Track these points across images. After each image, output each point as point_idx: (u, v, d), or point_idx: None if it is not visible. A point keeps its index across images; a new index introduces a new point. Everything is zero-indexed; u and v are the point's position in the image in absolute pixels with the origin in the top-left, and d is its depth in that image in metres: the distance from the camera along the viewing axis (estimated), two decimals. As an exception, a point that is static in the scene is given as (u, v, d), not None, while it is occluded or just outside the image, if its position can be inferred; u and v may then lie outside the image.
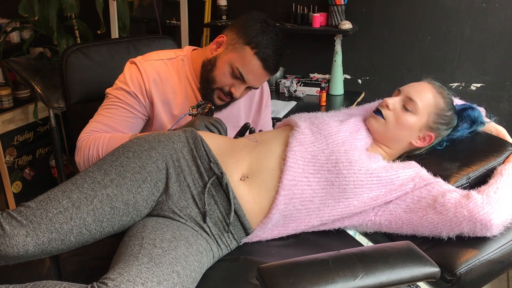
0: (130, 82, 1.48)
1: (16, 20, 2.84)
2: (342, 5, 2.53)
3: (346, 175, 1.25)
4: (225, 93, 1.47)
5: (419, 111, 1.35)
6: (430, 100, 1.36)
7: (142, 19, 3.08)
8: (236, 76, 1.44)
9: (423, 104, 1.35)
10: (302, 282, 0.90)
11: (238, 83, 1.45)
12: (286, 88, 2.67)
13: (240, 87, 1.46)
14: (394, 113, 1.36)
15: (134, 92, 1.48)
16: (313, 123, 1.36)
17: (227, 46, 1.45)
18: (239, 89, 1.46)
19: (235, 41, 1.43)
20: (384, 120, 1.37)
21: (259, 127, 1.74)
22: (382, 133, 1.38)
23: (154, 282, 0.99)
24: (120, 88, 1.49)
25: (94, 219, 1.12)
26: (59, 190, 1.14)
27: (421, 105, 1.34)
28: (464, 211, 1.16)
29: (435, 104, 1.36)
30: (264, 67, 1.42)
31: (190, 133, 1.31)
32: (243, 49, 1.41)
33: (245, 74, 1.43)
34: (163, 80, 1.51)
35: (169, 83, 1.51)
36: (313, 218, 1.28)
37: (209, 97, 1.49)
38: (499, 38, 2.42)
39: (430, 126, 1.37)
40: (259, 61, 1.41)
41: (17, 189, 2.87)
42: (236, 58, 1.42)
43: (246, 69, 1.42)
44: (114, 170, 1.17)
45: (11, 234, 1.06)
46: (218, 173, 1.24)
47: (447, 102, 1.38)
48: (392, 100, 1.38)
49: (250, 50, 1.40)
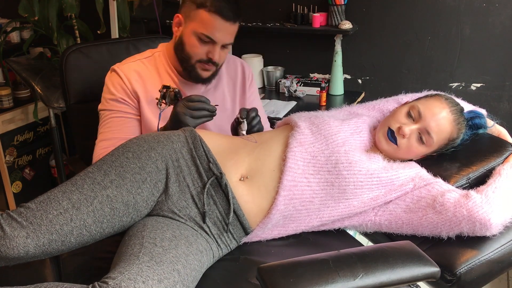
0: (114, 90, 1.51)
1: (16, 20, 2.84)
2: (342, 5, 2.53)
3: (346, 176, 1.24)
4: (205, 61, 1.50)
5: (431, 146, 1.33)
6: (446, 135, 1.33)
7: (142, 19, 3.07)
8: (205, 41, 1.46)
9: (438, 139, 1.32)
10: (302, 282, 0.90)
11: (211, 47, 1.47)
12: (286, 88, 2.67)
13: (215, 49, 1.48)
14: (408, 141, 1.32)
15: (120, 97, 1.51)
16: (313, 123, 1.35)
17: (185, 20, 1.49)
18: (216, 52, 1.48)
19: (189, 12, 1.47)
20: (397, 146, 1.33)
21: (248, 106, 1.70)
22: (390, 153, 1.35)
23: (155, 280, 0.99)
24: (107, 100, 1.52)
25: (94, 220, 1.12)
26: (59, 191, 1.14)
27: (436, 141, 1.32)
28: (463, 211, 1.16)
29: (449, 138, 1.33)
30: (223, 18, 1.43)
31: (189, 132, 1.31)
32: (197, 13, 1.44)
33: (211, 35, 1.44)
34: (144, 78, 1.54)
35: (150, 81, 1.54)
36: (313, 218, 1.28)
37: (194, 74, 1.52)
38: (499, 38, 2.42)
39: (436, 151, 1.36)
40: (215, 15, 1.42)
41: (17, 189, 2.87)
42: (196, 26, 1.45)
43: (209, 29, 1.44)
44: (114, 171, 1.17)
45: (12, 236, 1.06)
46: (217, 173, 1.24)
47: (460, 132, 1.35)
48: (409, 130, 1.31)
49: (203, 10, 1.43)
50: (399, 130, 1.32)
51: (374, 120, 1.48)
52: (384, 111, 1.52)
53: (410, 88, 2.60)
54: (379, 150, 1.36)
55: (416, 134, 1.32)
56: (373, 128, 1.43)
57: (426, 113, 1.31)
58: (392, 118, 1.36)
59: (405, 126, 1.31)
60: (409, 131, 1.31)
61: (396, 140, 1.32)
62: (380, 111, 1.53)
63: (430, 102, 1.34)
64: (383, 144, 1.34)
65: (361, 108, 1.55)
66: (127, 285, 0.96)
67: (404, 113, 1.34)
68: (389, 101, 1.55)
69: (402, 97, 1.53)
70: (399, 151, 1.33)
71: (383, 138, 1.34)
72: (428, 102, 1.35)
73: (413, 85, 2.62)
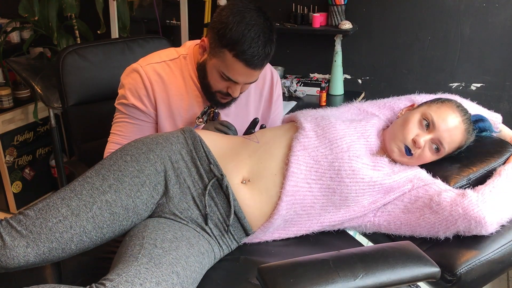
0: (129, 94, 1.44)
1: (16, 20, 2.84)
2: (342, 5, 2.53)
3: (349, 184, 1.22)
4: (224, 94, 1.43)
5: (442, 154, 1.32)
6: (457, 145, 1.32)
7: (142, 19, 3.07)
8: (226, 80, 1.37)
9: (450, 148, 1.31)
10: (302, 282, 0.90)
11: (232, 85, 1.39)
12: (286, 88, 2.66)
13: (236, 87, 1.39)
14: (422, 151, 1.30)
15: (133, 104, 1.44)
16: (319, 125, 1.31)
17: (210, 51, 1.37)
18: (236, 89, 1.40)
19: (214, 45, 1.34)
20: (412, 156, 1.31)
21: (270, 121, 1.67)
22: (400, 161, 1.33)
23: (153, 283, 0.99)
24: (120, 104, 1.48)
25: (94, 226, 1.11)
26: (57, 197, 1.12)
27: (447, 150, 1.31)
28: (459, 209, 1.16)
29: (458, 146, 1.33)
30: (249, 67, 1.31)
31: (189, 133, 1.29)
32: (222, 53, 1.31)
33: (233, 77, 1.35)
34: (167, 84, 1.46)
35: (174, 87, 1.46)
36: (313, 223, 1.28)
37: (213, 99, 1.46)
38: (499, 38, 2.42)
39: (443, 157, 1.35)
40: (241, 63, 1.30)
41: (17, 189, 2.87)
42: (219, 64, 1.34)
43: (232, 73, 1.34)
44: (112, 175, 1.15)
45: (11, 246, 1.05)
46: (218, 175, 1.23)
47: (469, 141, 1.35)
48: (424, 141, 1.28)
49: (229, 53, 1.30)
50: (415, 144, 1.28)
51: (384, 120, 1.45)
52: (395, 110, 1.47)
53: (410, 88, 2.61)
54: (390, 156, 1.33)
55: (429, 144, 1.30)
56: (382, 130, 1.40)
57: (440, 123, 1.28)
58: (405, 129, 1.31)
59: (419, 138, 1.28)
60: (423, 142, 1.29)
61: (411, 153, 1.30)
62: (391, 109, 1.48)
63: (442, 110, 1.30)
64: (396, 155, 1.32)
65: (372, 106, 1.50)
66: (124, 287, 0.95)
67: (417, 122, 1.31)
68: (401, 100, 1.50)
69: (416, 96, 1.49)
70: (412, 161, 1.32)
71: (398, 152, 1.31)
72: (440, 110, 1.30)
73: (413, 85, 2.61)
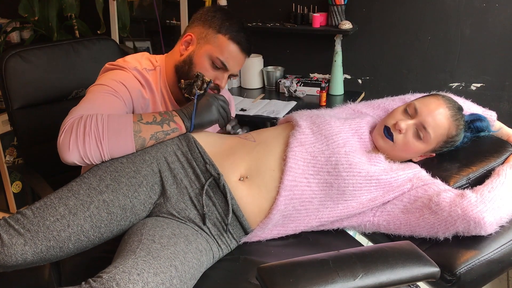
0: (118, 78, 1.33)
1: (16, 20, 2.84)
2: (342, 5, 2.53)
3: (346, 177, 1.24)
4: (211, 88, 1.44)
5: (429, 141, 1.31)
6: (444, 131, 1.31)
7: (142, 19, 3.08)
8: (217, 67, 1.43)
9: (436, 135, 1.31)
10: (302, 282, 0.90)
11: (220, 74, 1.45)
12: (286, 88, 2.66)
13: (224, 76, 1.46)
14: (405, 137, 1.31)
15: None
16: (314, 123, 1.34)
17: (198, 41, 1.44)
18: (224, 79, 1.46)
19: (205, 34, 1.43)
20: (393, 143, 1.32)
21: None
22: (387, 151, 1.34)
23: (151, 273, 0.99)
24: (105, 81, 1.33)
25: (92, 225, 1.12)
26: (55, 197, 1.13)
27: (433, 137, 1.31)
28: (458, 210, 1.16)
29: (447, 134, 1.32)
30: (241, 49, 1.43)
31: (182, 135, 1.29)
32: (217, 37, 1.42)
33: (226, 61, 1.42)
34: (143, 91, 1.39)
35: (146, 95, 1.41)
36: (312, 219, 1.28)
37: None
38: (499, 38, 2.42)
39: (435, 150, 1.36)
40: (235, 45, 1.42)
41: (17, 189, 2.87)
42: (213, 49, 1.42)
43: (225, 56, 1.42)
44: (109, 176, 1.16)
45: (9, 244, 1.06)
46: (215, 174, 1.24)
47: (459, 129, 1.34)
48: (406, 125, 1.31)
49: (224, 37, 1.41)
50: (395, 126, 1.32)
51: (378, 120, 1.47)
52: (388, 111, 1.49)
53: (410, 88, 2.60)
54: (378, 149, 1.36)
55: (413, 129, 1.31)
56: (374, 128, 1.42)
57: (423, 109, 1.32)
58: (388, 116, 1.36)
59: (401, 121, 1.31)
60: (405, 125, 1.31)
61: (393, 137, 1.32)
62: (384, 110, 1.51)
63: (426, 99, 1.35)
64: (379, 141, 1.34)
65: (366, 107, 1.53)
66: (121, 278, 0.95)
67: (401, 111, 1.35)
68: (395, 100, 1.53)
69: (409, 97, 1.51)
70: (396, 148, 1.32)
71: (379, 136, 1.34)
72: (424, 99, 1.35)
73: (413, 85, 2.61)
